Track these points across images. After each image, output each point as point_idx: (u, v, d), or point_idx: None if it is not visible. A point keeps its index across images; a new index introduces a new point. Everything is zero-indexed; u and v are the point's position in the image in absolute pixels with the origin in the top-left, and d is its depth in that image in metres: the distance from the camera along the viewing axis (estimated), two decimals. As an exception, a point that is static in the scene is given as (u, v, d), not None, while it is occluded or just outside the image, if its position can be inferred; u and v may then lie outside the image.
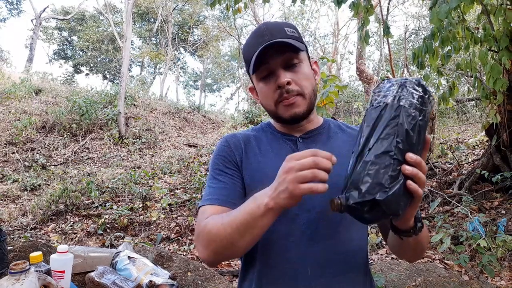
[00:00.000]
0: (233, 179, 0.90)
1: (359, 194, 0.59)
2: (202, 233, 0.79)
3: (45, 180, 6.90)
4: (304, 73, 0.89)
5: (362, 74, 7.79)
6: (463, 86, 8.59)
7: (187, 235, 4.64)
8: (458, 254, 2.88)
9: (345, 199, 0.61)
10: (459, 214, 3.85)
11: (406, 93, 0.64)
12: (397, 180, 0.59)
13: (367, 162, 0.61)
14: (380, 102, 0.65)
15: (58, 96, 11.29)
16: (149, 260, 1.67)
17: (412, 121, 0.62)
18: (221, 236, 0.74)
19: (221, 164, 0.92)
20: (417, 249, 0.82)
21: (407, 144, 0.61)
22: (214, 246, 0.76)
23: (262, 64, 0.87)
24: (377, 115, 0.64)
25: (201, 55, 23.30)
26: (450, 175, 5.17)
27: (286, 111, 0.88)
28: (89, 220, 5.15)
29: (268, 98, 0.90)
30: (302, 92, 0.87)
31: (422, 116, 0.63)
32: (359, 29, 3.52)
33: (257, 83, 0.92)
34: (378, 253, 3.56)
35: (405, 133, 0.61)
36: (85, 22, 21.54)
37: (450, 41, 2.87)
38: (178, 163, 8.05)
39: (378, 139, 0.61)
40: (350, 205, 0.60)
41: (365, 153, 0.62)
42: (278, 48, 0.85)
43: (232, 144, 0.95)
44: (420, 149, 0.64)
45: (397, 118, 0.61)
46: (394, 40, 15.18)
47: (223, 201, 0.85)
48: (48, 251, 1.82)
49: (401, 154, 0.60)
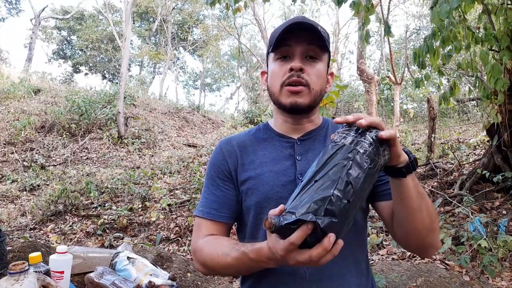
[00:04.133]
0: (224, 191, 0.92)
1: (294, 217, 0.60)
2: (197, 254, 0.87)
3: (44, 180, 6.90)
4: (319, 71, 0.88)
5: (363, 74, 7.79)
6: (464, 85, 8.59)
7: (186, 236, 4.64)
8: (459, 254, 2.88)
9: (278, 220, 0.61)
10: (460, 214, 3.85)
11: (365, 140, 0.67)
12: (331, 216, 0.60)
13: (310, 191, 0.63)
14: (340, 141, 0.69)
15: (57, 96, 11.29)
16: (148, 261, 1.67)
17: (361, 167, 0.64)
18: (214, 266, 0.83)
19: (214, 174, 0.94)
20: (422, 204, 0.75)
21: (350, 187, 0.62)
22: (208, 270, 0.86)
23: (285, 45, 0.86)
24: (333, 153, 0.67)
25: (201, 55, 23.29)
26: (451, 175, 5.17)
27: (288, 97, 0.87)
28: (88, 220, 5.15)
29: (276, 79, 0.89)
30: (309, 85, 0.87)
31: (373, 165, 0.66)
32: (359, 29, 3.52)
33: (271, 62, 0.91)
34: (378, 253, 3.56)
35: (352, 177, 0.63)
36: (84, 21, 21.53)
37: (451, 41, 2.87)
38: (177, 163, 8.04)
39: (326, 174, 0.64)
40: (282, 225, 0.60)
41: (311, 183, 0.64)
42: (306, 36, 0.85)
43: (226, 152, 0.95)
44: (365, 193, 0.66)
45: (349, 161, 0.64)
46: (395, 39, 15.19)
47: (214, 215, 0.90)
48: (47, 252, 1.82)
49: (342, 193, 0.61)
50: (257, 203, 0.88)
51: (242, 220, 0.94)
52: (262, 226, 0.87)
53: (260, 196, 0.87)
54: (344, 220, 0.61)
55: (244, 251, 0.75)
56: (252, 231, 0.90)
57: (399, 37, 15.95)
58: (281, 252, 0.63)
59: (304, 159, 0.89)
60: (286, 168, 0.88)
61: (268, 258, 0.69)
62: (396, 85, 7.95)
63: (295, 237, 0.59)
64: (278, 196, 0.85)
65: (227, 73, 27.30)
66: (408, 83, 11.92)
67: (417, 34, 14.95)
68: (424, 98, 9.40)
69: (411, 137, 8.91)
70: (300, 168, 0.87)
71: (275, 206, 0.84)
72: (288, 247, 0.61)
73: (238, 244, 0.80)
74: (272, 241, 0.66)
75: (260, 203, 0.87)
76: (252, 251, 0.73)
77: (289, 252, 0.62)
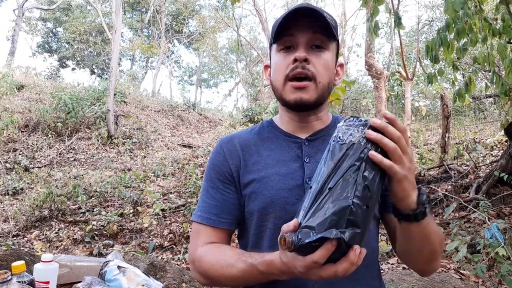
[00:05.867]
0: (225, 194, 0.91)
1: (313, 234, 0.59)
2: (198, 266, 0.86)
3: (28, 184, 6.91)
4: (326, 61, 0.86)
5: (371, 69, 7.79)
6: (480, 81, 8.60)
7: (181, 243, 4.65)
8: (475, 263, 2.89)
9: (297, 238, 0.60)
10: (476, 220, 3.85)
11: None
12: (354, 226, 0.59)
13: (325, 201, 0.61)
14: (347, 139, 0.66)
15: (42, 92, 11.31)
16: (140, 270, 1.67)
17: (374, 168, 0.63)
18: (217, 278, 0.82)
19: (214, 176, 0.93)
20: (425, 247, 0.76)
21: (367, 191, 0.62)
22: (212, 282, 0.84)
23: (287, 35, 0.84)
24: (343, 154, 0.64)
25: (197, 48, 23.32)
26: (466, 178, 5.17)
27: (292, 93, 0.85)
28: (76, 226, 5.15)
29: (280, 72, 0.87)
30: (315, 78, 0.84)
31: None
32: (368, 20, 3.53)
33: (274, 55, 0.90)
34: (388, 262, 3.56)
35: (368, 179, 0.62)
36: (71, 12, 21.54)
37: (466, 33, 2.87)
38: (172, 165, 8.06)
39: (340, 179, 0.62)
40: (303, 244, 0.59)
41: (325, 191, 0.62)
42: (310, 24, 0.83)
43: (226, 151, 0.93)
44: (378, 196, 0.65)
45: (362, 161, 0.63)
46: (405, 31, 15.20)
47: (214, 221, 0.89)
48: (32, 260, 1.82)
49: (361, 200, 0.60)
50: (261, 208, 0.86)
51: (244, 226, 0.93)
52: (266, 234, 0.86)
53: (264, 200, 0.86)
54: (365, 227, 0.61)
55: (253, 264, 0.74)
56: (255, 239, 0.89)
57: (410, 29, 15.98)
58: (301, 269, 0.62)
59: (313, 161, 0.87)
60: (293, 171, 0.87)
61: (281, 271, 0.69)
62: (407, 80, 7.95)
63: (318, 256, 0.58)
64: (284, 201, 0.84)
65: (225, 68, 27.33)
66: (420, 79, 11.93)
67: (429, 25, 14.97)
68: (438, 95, 9.41)
69: (423, 136, 8.92)
70: (308, 171, 0.86)
71: (280, 211, 0.84)
72: (310, 265, 0.60)
73: (244, 254, 0.79)
74: (288, 257, 0.65)
75: (264, 208, 0.86)
76: (261, 264, 0.73)
77: (311, 269, 0.61)
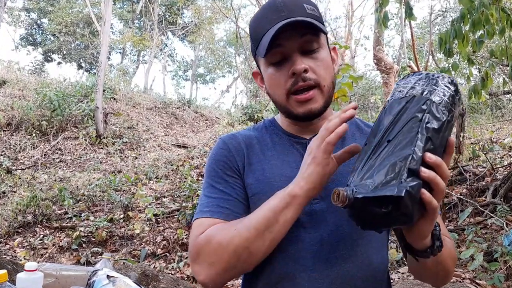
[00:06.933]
0: (235, 188, 0.89)
1: (371, 186, 0.59)
2: (207, 248, 0.77)
3: (10, 187, 6.91)
4: (324, 61, 0.87)
5: (380, 63, 7.79)
6: (497, 76, 8.59)
7: (175, 251, 4.65)
8: (492, 272, 2.89)
9: (352, 191, 0.59)
10: (493, 226, 3.85)
11: (438, 88, 0.66)
12: (415, 176, 0.59)
13: (384, 153, 0.62)
14: (407, 93, 0.67)
15: (25, 88, 11.31)
16: (131, 280, 1.67)
17: (439, 120, 0.63)
18: (235, 244, 0.74)
19: (220, 170, 0.90)
20: (439, 272, 0.80)
21: (430, 143, 0.61)
22: (225, 260, 0.75)
23: (275, 46, 0.83)
24: (402, 107, 0.65)
25: (192, 41, 23.30)
26: (483, 180, 5.17)
27: (300, 106, 0.86)
28: (62, 233, 5.15)
29: (279, 88, 0.87)
30: (319, 84, 0.85)
31: (450, 117, 0.65)
32: (376, 11, 3.52)
33: (265, 69, 0.90)
34: (398, 271, 3.56)
35: (431, 131, 0.62)
36: (57, 2, 21.54)
37: (482, 25, 2.87)
38: (165, 166, 8.06)
39: (400, 132, 0.63)
40: (359, 198, 0.58)
41: (383, 144, 0.63)
42: (297, 29, 0.82)
43: (232, 147, 0.93)
44: (442, 153, 0.65)
45: (424, 113, 0.63)
46: (417, 23, 15.20)
47: (226, 214, 0.83)
48: (14, 269, 1.82)
49: (422, 152, 0.61)
50: None
51: None
52: None
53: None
54: None
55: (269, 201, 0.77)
56: None
57: (422, 20, 15.98)
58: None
59: None
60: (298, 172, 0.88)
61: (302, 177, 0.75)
62: (418, 76, 7.94)
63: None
64: None
65: (223, 62, 27.31)
66: (432, 74, 11.93)
67: (443, 16, 14.97)
68: (452, 91, 9.39)
69: (436, 136, 8.91)
70: None
71: None
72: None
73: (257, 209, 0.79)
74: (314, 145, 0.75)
75: None
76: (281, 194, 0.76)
77: None
